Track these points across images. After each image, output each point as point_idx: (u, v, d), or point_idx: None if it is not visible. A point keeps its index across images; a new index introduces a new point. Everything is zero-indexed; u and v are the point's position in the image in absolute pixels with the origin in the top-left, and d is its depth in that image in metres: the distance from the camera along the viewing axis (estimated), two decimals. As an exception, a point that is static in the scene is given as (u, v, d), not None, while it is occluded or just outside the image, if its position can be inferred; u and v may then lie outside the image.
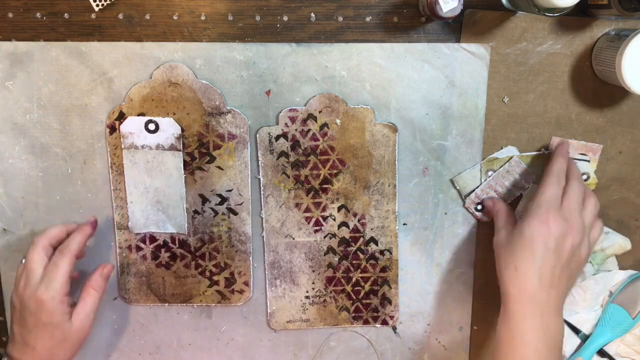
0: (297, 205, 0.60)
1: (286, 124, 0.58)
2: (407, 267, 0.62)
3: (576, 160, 0.59)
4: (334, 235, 0.61)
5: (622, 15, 0.52)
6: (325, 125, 0.58)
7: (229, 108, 0.58)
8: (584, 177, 0.60)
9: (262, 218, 0.61)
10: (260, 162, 0.59)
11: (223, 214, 0.61)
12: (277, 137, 0.59)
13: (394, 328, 0.64)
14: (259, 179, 0.60)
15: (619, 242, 0.61)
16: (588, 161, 0.59)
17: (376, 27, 0.57)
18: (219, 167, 0.60)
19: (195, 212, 0.60)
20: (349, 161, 0.59)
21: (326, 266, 0.62)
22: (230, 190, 0.60)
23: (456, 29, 0.57)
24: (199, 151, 0.59)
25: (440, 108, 0.59)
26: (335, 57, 0.57)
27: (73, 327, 0.54)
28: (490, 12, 0.57)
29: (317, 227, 0.61)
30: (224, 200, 0.60)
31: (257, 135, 0.59)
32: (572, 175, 0.54)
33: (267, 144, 0.59)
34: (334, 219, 0.61)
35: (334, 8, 0.57)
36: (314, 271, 0.62)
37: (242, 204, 0.60)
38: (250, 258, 0.62)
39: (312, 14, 0.57)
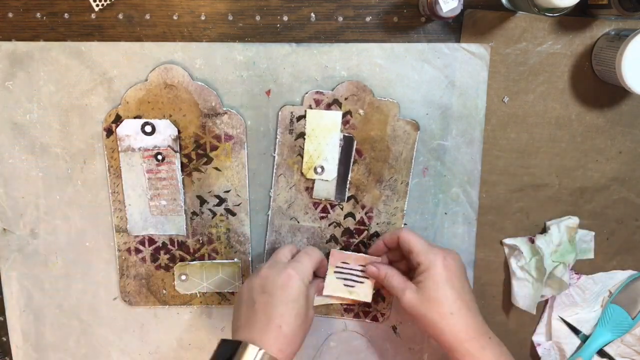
0: (307, 189, 0.60)
1: (310, 105, 0.58)
2: (407, 267, 0.62)
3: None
4: (338, 224, 0.61)
5: (622, 15, 0.52)
6: (348, 113, 0.58)
7: (225, 109, 0.58)
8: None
9: (270, 197, 0.60)
10: (278, 139, 0.59)
11: (221, 214, 0.61)
12: (299, 118, 0.58)
13: (394, 328, 0.64)
14: (274, 156, 0.59)
15: (565, 223, 0.61)
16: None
17: (376, 27, 0.57)
18: (216, 168, 0.60)
19: (194, 213, 0.60)
20: (366, 153, 0.59)
21: (326, 255, 0.61)
22: (228, 191, 0.60)
23: (456, 29, 0.57)
24: (196, 152, 0.59)
25: (440, 108, 0.59)
26: (335, 57, 0.57)
27: (309, 314, 0.53)
28: (490, 12, 0.56)
29: (324, 214, 0.61)
30: (222, 201, 0.60)
31: (280, 113, 0.58)
32: None
33: (288, 123, 0.58)
34: (342, 208, 0.60)
35: (334, 8, 0.57)
36: None
37: (240, 204, 0.60)
38: (250, 258, 0.62)
39: (312, 14, 0.57)
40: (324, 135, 0.58)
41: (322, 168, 0.59)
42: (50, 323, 0.63)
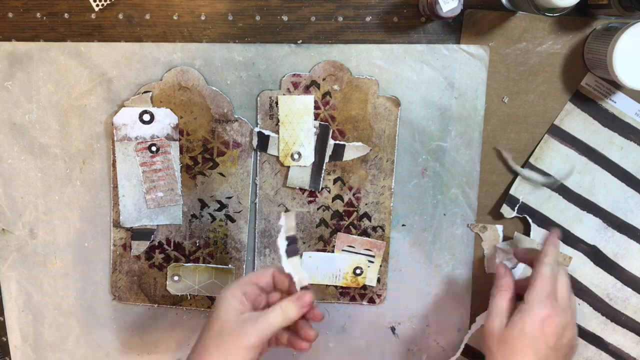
0: None
1: (288, 89, 0.58)
2: (406, 268, 0.62)
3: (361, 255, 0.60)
4: (327, 208, 0.60)
5: (622, 15, 0.52)
6: (327, 93, 0.58)
7: (236, 117, 0.58)
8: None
9: (256, 185, 0.60)
10: (259, 126, 0.59)
11: (221, 220, 0.60)
12: (278, 102, 0.58)
13: (393, 329, 0.64)
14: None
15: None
16: (373, 256, 0.60)
17: (376, 27, 0.57)
18: (221, 174, 0.59)
19: (194, 216, 0.60)
20: (348, 133, 0.59)
21: (317, 239, 0.61)
22: (230, 198, 0.60)
23: (456, 29, 0.57)
24: (203, 156, 0.59)
25: (439, 109, 0.58)
26: (334, 58, 0.57)
27: (245, 339, 0.46)
28: (490, 12, 0.56)
29: (311, 198, 0.60)
30: (223, 206, 0.60)
31: (258, 99, 0.58)
32: (559, 264, 0.53)
33: (268, 108, 0.58)
34: (329, 191, 0.60)
35: (334, 8, 0.57)
36: (304, 243, 0.61)
37: (240, 212, 0.60)
38: (244, 266, 0.61)
39: (312, 14, 0.57)
40: (298, 120, 0.57)
41: (299, 154, 0.58)
42: (49, 323, 0.63)
